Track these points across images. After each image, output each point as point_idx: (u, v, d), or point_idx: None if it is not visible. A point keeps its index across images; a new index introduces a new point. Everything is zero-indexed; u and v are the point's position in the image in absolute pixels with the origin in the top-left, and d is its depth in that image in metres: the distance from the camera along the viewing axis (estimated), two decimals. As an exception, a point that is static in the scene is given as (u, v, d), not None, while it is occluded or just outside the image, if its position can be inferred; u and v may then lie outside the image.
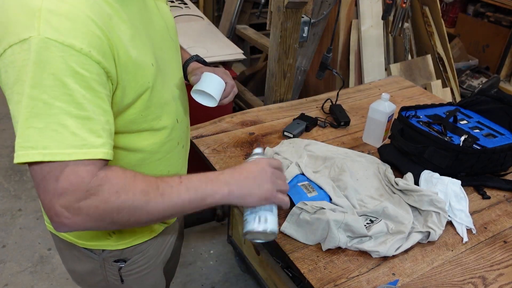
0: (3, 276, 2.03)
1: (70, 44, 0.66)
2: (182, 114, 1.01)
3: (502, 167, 1.46)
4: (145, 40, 0.83)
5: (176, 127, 0.97)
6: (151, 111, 0.87)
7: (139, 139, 0.89)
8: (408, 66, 2.55)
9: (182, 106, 1.01)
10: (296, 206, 1.19)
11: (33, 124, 0.66)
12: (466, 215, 1.29)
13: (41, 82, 0.66)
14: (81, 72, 0.68)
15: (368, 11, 2.44)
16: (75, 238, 0.98)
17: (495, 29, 3.62)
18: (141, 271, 1.08)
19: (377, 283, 1.08)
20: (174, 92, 0.96)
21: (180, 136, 1.01)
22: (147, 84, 0.82)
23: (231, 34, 2.67)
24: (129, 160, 0.89)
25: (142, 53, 0.80)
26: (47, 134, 0.67)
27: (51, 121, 0.67)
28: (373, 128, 1.59)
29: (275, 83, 1.88)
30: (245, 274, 2.11)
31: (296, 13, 1.74)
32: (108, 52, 0.72)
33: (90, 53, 0.68)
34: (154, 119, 0.89)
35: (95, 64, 0.69)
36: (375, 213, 1.23)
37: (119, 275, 1.04)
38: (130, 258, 1.03)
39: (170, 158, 0.99)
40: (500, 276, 1.14)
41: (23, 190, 2.54)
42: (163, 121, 0.92)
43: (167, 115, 0.93)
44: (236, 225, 1.98)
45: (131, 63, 0.77)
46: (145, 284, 1.12)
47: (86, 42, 0.68)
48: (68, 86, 0.67)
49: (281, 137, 1.61)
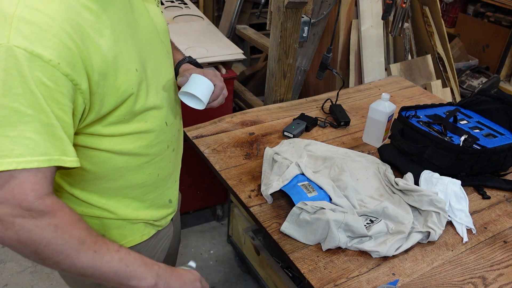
0: (3, 276, 2.03)
1: (39, 54, 0.66)
2: (172, 118, 0.99)
3: (502, 167, 1.46)
4: (129, 44, 0.82)
5: (165, 130, 0.96)
6: (136, 114, 0.86)
7: (125, 142, 0.88)
8: (408, 66, 2.55)
9: (172, 110, 0.99)
10: (296, 206, 1.19)
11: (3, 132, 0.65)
12: (466, 215, 1.29)
13: (9, 90, 0.65)
14: (47, 83, 0.67)
15: (368, 11, 2.44)
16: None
17: (495, 29, 3.62)
18: None
19: (377, 283, 1.08)
20: (163, 95, 0.94)
21: (170, 140, 0.99)
22: (131, 90, 0.81)
23: (231, 34, 2.66)
24: (115, 163, 0.88)
25: (125, 59, 0.79)
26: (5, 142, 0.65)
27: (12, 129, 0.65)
28: (373, 128, 1.59)
29: (275, 83, 1.88)
30: (245, 274, 2.11)
31: (296, 13, 1.74)
32: (79, 65, 0.71)
33: (58, 65, 0.67)
34: (140, 122, 0.88)
35: (63, 77, 0.68)
36: (375, 213, 1.23)
37: None
38: None
39: (159, 161, 0.98)
40: (500, 276, 1.14)
41: (23, 190, 2.54)
42: (150, 124, 0.90)
43: (154, 118, 0.91)
44: (236, 225, 1.98)
45: (110, 71, 0.76)
46: None
47: (55, 53, 0.67)
48: (36, 96, 0.66)
49: (281, 137, 1.61)
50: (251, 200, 1.31)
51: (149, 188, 0.98)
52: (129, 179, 0.93)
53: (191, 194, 2.22)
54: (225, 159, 1.47)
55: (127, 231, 0.99)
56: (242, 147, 1.54)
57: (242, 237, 1.91)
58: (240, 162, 1.47)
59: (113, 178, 0.91)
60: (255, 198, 1.32)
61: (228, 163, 1.45)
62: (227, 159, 1.48)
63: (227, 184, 1.37)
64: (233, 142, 1.56)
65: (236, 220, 1.98)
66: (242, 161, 1.47)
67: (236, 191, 1.34)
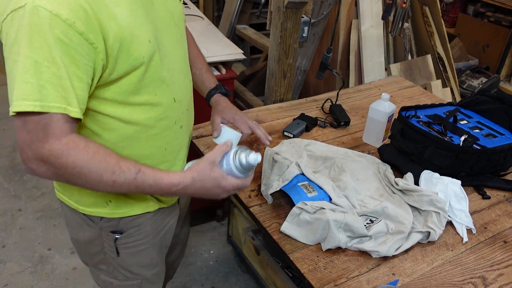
0: (3, 276, 2.03)
1: (57, 14, 0.76)
2: (181, 96, 1.05)
3: (502, 167, 1.46)
4: (143, 19, 0.90)
5: (173, 107, 1.02)
6: (146, 85, 0.93)
7: (135, 112, 0.94)
8: (408, 66, 2.55)
9: (182, 89, 1.06)
10: (296, 206, 1.19)
11: (19, 78, 0.77)
12: (466, 215, 1.29)
13: (29, 43, 0.76)
14: (64, 40, 0.77)
15: (368, 11, 2.44)
16: (76, 204, 1.05)
17: (495, 29, 3.62)
18: (137, 246, 1.12)
19: (377, 283, 1.08)
20: (173, 73, 1.01)
21: (177, 116, 1.05)
22: (142, 59, 0.89)
23: (231, 34, 2.66)
24: (125, 131, 0.95)
25: (138, 29, 0.87)
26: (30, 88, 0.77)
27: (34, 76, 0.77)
28: (373, 128, 1.59)
29: (275, 83, 1.88)
30: (245, 274, 2.11)
31: (296, 13, 1.74)
32: (94, 26, 0.80)
33: (74, 24, 0.77)
34: (149, 94, 0.94)
35: (78, 35, 0.78)
36: (375, 213, 1.23)
37: (115, 246, 1.09)
38: (126, 231, 1.08)
39: (166, 136, 1.03)
40: (500, 276, 1.14)
41: (23, 190, 2.54)
42: (159, 98, 0.97)
43: (163, 93, 0.98)
44: (236, 225, 1.98)
45: (124, 37, 0.84)
46: (140, 260, 1.14)
47: (72, 14, 0.77)
48: (52, 51, 0.77)
49: (281, 137, 1.61)
50: (251, 200, 1.31)
51: (156, 160, 1.03)
52: (137, 149, 0.99)
53: (191, 194, 2.21)
54: (225, 159, 1.47)
55: (133, 200, 1.05)
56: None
57: (242, 237, 1.91)
58: (240, 162, 1.47)
59: (122, 146, 0.97)
60: (255, 198, 1.32)
61: (228, 163, 1.45)
62: (227, 159, 1.47)
63: (227, 184, 1.37)
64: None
65: (236, 220, 1.98)
66: (242, 161, 1.47)
67: (236, 191, 1.34)
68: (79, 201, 1.05)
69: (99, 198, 1.02)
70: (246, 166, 0.93)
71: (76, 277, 2.04)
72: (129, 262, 1.14)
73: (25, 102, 0.77)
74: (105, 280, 1.18)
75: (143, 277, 1.18)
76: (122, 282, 1.17)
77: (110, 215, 1.05)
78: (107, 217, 1.05)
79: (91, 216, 1.06)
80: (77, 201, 1.05)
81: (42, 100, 0.78)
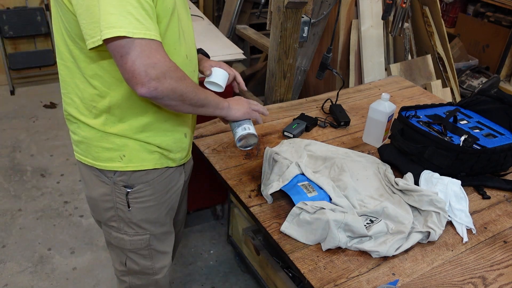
0: (3, 276, 2.03)
1: None
2: (192, 55, 1.18)
3: (502, 167, 1.46)
4: None
5: (185, 63, 1.12)
6: (168, 37, 1.04)
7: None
8: (408, 66, 2.55)
9: (192, 49, 1.19)
10: (296, 206, 1.19)
11: (111, 11, 0.87)
12: (466, 215, 1.29)
13: None
14: None
15: (368, 11, 2.44)
16: (93, 161, 1.14)
17: (495, 29, 3.62)
18: (146, 202, 1.20)
19: (377, 283, 1.08)
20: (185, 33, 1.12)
21: (189, 74, 1.15)
22: (169, 9, 1.00)
23: (231, 34, 2.67)
24: None
25: None
26: (123, 19, 0.87)
27: (123, 10, 0.87)
28: (373, 128, 1.59)
29: (275, 83, 1.88)
30: (245, 274, 2.11)
31: (296, 13, 1.74)
32: None
33: None
34: (170, 46, 1.05)
35: None
36: (375, 213, 1.23)
37: (126, 200, 1.18)
38: (137, 186, 1.17)
39: None
40: (500, 276, 1.14)
41: (23, 190, 2.54)
42: (177, 51, 1.08)
43: (180, 48, 1.09)
44: (236, 225, 1.98)
45: None
46: (148, 216, 1.24)
47: None
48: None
49: (281, 137, 1.61)
50: (251, 200, 1.31)
51: (166, 116, 1.13)
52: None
53: (191, 194, 2.21)
54: (225, 159, 1.47)
55: (145, 155, 1.15)
56: (242, 147, 1.54)
57: (242, 237, 1.91)
58: (240, 162, 1.47)
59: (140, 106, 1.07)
60: (255, 198, 1.32)
61: (228, 163, 1.46)
62: (227, 159, 1.48)
63: (227, 184, 1.37)
64: (233, 142, 1.56)
65: (236, 220, 1.98)
66: (242, 161, 1.47)
67: (236, 191, 1.34)
68: (96, 158, 1.13)
69: (114, 152, 1.12)
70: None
71: (76, 277, 2.04)
72: (138, 217, 1.22)
73: (133, 30, 0.88)
74: (117, 237, 1.26)
75: (151, 233, 1.26)
76: (132, 237, 1.25)
77: (123, 169, 1.14)
78: (120, 170, 1.14)
79: (105, 171, 1.15)
80: (95, 158, 1.14)
81: (138, 28, 0.89)
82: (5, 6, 3.31)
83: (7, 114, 3.22)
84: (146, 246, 1.28)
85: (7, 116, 3.20)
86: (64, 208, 2.41)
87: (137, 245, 1.27)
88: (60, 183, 2.59)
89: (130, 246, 1.27)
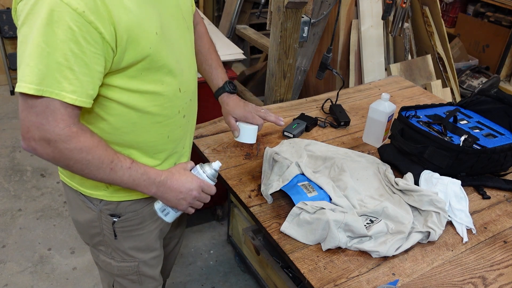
0: (3, 276, 2.03)
1: (68, 3, 0.80)
2: (186, 86, 1.09)
3: (502, 167, 1.46)
4: (151, 11, 0.94)
5: (177, 96, 1.06)
6: (154, 74, 0.97)
7: (141, 99, 0.98)
8: (408, 66, 2.55)
9: (188, 79, 1.10)
10: (296, 206, 1.19)
11: (29, 62, 0.81)
12: (466, 215, 1.29)
13: (40, 28, 0.80)
14: (72, 27, 0.81)
15: (368, 11, 2.44)
16: (78, 186, 1.10)
17: (495, 29, 3.62)
18: (134, 231, 1.16)
19: (377, 283, 1.08)
20: (180, 63, 1.05)
21: (181, 106, 1.09)
22: (149, 50, 0.93)
23: (231, 34, 2.66)
24: (130, 117, 0.99)
25: (146, 21, 0.92)
26: (36, 72, 0.81)
27: (42, 62, 0.81)
28: (373, 128, 1.59)
29: (275, 83, 1.88)
30: (245, 274, 2.11)
31: (296, 13, 1.74)
32: (104, 16, 0.83)
33: (83, 13, 0.81)
34: (156, 83, 0.99)
35: (87, 24, 0.82)
36: (375, 213, 1.23)
37: (112, 229, 1.13)
38: (124, 215, 1.12)
39: (170, 124, 1.08)
40: (500, 276, 1.14)
41: (23, 190, 2.54)
42: (165, 87, 1.01)
43: (170, 83, 1.02)
44: (236, 225, 1.98)
45: (134, 27, 0.89)
46: (137, 244, 1.19)
47: (82, 3, 0.80)
48: (56, 37, 0.80)
49: (281, 137, 1.61)
50: (251, 200, 1.31)
51: (158, 148, 1.09)
52: (141, 135, 1.04)
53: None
54: (225, 159, 1.47)
55: None
56: (242, 147, 1.54)
57: (242, 237, 1.91)
58: (240, 162, 1.47)
59: (126, 132, 1.01)
60: (255, 198, 1.32)
61: (228, 163, 1.46)
62: (227, 159, 1.48)
63: (227, 184, 1.37)
64: (233, 142, 1.56)
65: (236, 220, 1.98)
66: (242, 161, 1.47)
67: (236, 191, 1.34)
68: (81, 183, 1.10)
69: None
70: (214, 173, 1.10)
71: (76, 277, 2.04)
72: (126, 245, 1.18)
73: (27, 85, 0.81)
74: (104, 260, 1.22)
75: (140, 260, 1.22)
76: (119, 263, 1.21)
77: (109, 198, 1.10)
78: (106, 199, 1.10)
79: (91, 198, 1.10)
80: (80, 183, 1.10)
81: (40, 84, 0.81)
82: (5, 6, 3.31)
83: (7, 114, 3.22)
84: (135, 272, 1.24)
85: (7, 116, 3.20)
86: (64, 208, 2.41)
87: (125, 271, 1.23)
88: (60, 183, 2.59)
89: (117, 272, 1.23)
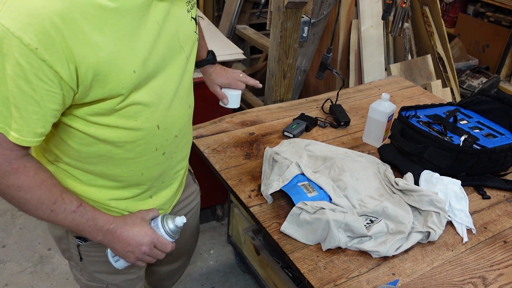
0: (3, 276, 2.03)
1: (19, 37, 0.71)
2: (169, 123, 0.98)
3: (502, 167, 1.46)
4: (132, 46, 0.83)
5: (156, 133, 0.96)
6: (125, 110, 0.88)
7: (109, 133, 0.90)
8: (408, 66, 2.55)
9: (172, 115, 0.99)
10: (296, 206, 1.19)
11: None
12: (466, 215, 1.29)
13: None
14: (22, 63, 0.72)
15: (368, 11, 2.44)
16: None
17: (495, 29, 3.62)
18: (100, 257, 1.08)
19: (377, 283, 1.08)
20: (164, 98, 0.95)
21: (160, 143, 0.99)
22: (121, 90, 0.84)
23: (231, 34, 2.66)
24: (98, 148, 0.92)
25: (122, 59, 0.81)
26: None
27: None
28: (373, 128, 1.59)
29: (275, 83, 1.88)
30: (245, 274, 2.11)
31: (296, 13, 1.74)
32: (61, 54, 0.74)
33: (36, 50, 0.72)
34: (127, 118, 0.90)
35: (40, 61, 0.73)
36: (375, 213, 1.23)
37: (78, 251, 1.08)
38: (90, 240, 1.02)
39: (144, 162, 0.99)
40: (500, 276, 1.14)
41: (23, 190, 2.54)
42: (139, 123, 0.92)
43: (145, 119, 0.92)
44: (236, 225, 1.98)
45: (102, 66, 0.79)
46: (104, 269, 1.13)
47: (36, 39, 0.71)
48: (5, 71, 0.73)
49: (281, 137, 1.61)
50: (251, 200, 1.31)
51: (131, 182, 1.01)
52: (111, 168, 0.97)
53: (191, 194, 2.21)
54: (225, 159, 1.47)
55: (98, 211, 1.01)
56: (242, 147, 1.54)
57: (242, 237, 1.91)
58: (240, 162, 1.47)
59: (94, 162, 0.94)
60: (255, 198, 1.32)
61: (228, 163, 1.45)
62: (227, 159, 1.48)
63: (227, 184, 1.37)
64: (233, 142, 1.56)
65: (236, 220, 1.98)
66: (242, 161, 1.47)
67: (236, 191, 1.34)
68: None
69: None
70: (174, 229, 1.02)
71: (76, 277, 2.04)
72: (92, 269, 1.13)
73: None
74: (76, 275, 1.19)
75: (109, 282, 1.17)
76: (87, 282, 1.17)
77: None
78: None
79: None
80: None
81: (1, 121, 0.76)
82: None
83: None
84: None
85: (7, 116, 3.20)
86: (64, 208, 2.41)
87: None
88: (60, 183, 2.59)
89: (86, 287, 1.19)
